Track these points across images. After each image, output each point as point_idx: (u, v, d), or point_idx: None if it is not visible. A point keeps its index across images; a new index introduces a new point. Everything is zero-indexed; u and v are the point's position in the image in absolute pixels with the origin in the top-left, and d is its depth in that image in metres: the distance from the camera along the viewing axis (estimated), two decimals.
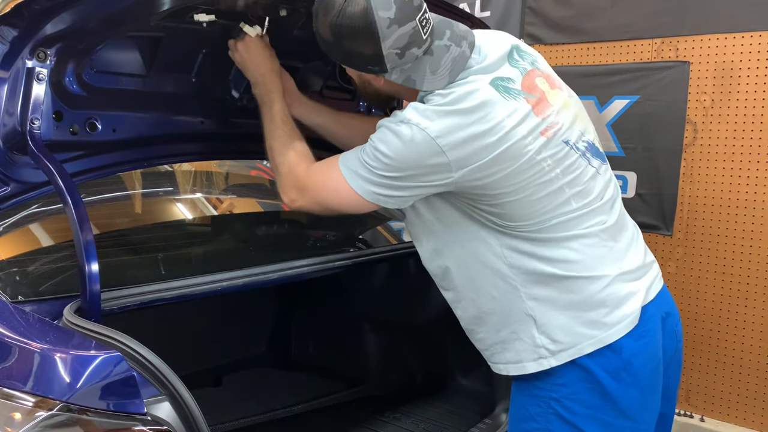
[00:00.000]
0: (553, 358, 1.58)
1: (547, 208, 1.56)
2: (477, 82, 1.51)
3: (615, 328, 1.56)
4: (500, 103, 1.50)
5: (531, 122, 1.52)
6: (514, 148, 1.49)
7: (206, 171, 3.02)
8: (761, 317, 3.17)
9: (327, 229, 2.94)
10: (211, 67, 2.01)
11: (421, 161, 1.49)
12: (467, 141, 1.47)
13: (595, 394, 1.56)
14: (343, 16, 1.47)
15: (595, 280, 1.57)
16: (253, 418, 2.40)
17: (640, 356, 1.59)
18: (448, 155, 1.47)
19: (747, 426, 3.26)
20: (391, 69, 1.52)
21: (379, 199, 1.57)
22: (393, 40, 1.47)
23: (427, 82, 1.53)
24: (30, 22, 1.59)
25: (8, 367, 1.37)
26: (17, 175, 1.74)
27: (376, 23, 1.45)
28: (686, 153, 3.30)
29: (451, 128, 1.47)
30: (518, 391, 1.68)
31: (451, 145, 1.47)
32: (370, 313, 2.81)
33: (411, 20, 1.48)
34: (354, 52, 1.51)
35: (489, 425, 2.22)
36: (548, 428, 1.59)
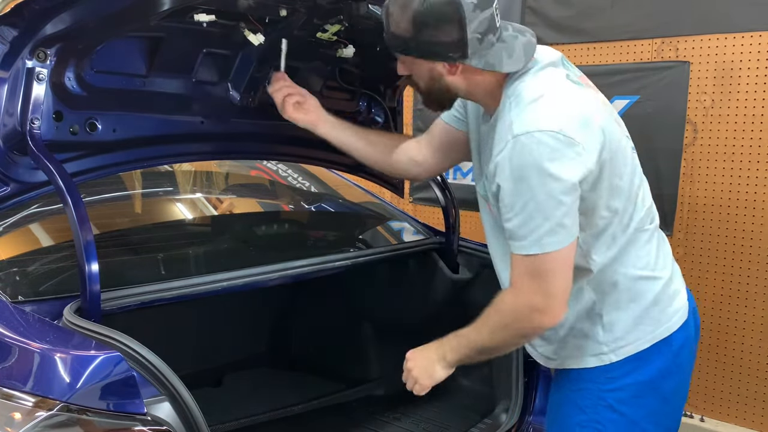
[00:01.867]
0: (613, 354, 1.65)
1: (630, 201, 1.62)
2: (556, 76, 1.60)
3: (669, 324, 1.66)
4: (581, 93, 1.59)
5: (606, 110, 1.63)
6: (610, 129, 1.57)
7: (206, 171, 3.02)
8: (761, 317, 3.16)
9: (327, 229, 2.94)
10: (212, 67, 2.01)
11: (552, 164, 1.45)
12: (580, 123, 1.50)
13: (644, 385, 1.65)
14: (428, 4, 1.50)
15: (656, 279, 1.66)
16: (253, 418, 2.40)
17: (685, 348, 1.69)
18: (576, 140, 1.47)
19: (747, 426, 3.26)
20: (471, 54, 1.55)
21: (565, 237, 1.49)
22: (476, 23, 1.52)
23: (506, 65, 1.57)
24: (30, 22, 1.59)
25: (8, 367, 1.37)
26: (17, 175, 1.74)
27: (462, 6, 1.50)
28: (686, 153, 3.30)
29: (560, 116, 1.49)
30: (564, 385, 1.73)
31: (570, 128, 1.48)
32: (370, 313, 2.81)
33: (489, 6, 1.54)
34: (437, 41, 1.54)
35: (489, 425, 2.22)
36: (597, 419, 1.65)
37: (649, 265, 1.66)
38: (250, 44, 1.89)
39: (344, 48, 2.10)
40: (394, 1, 1.57)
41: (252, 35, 1.88)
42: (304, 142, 2.38)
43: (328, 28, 1.97)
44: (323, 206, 3.17)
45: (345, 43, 2.08)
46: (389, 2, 1.58)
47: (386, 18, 1.60)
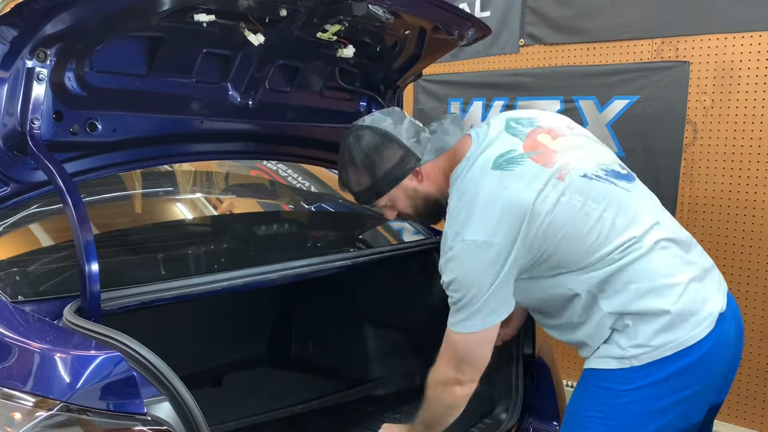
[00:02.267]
0: (635, 359, 1.68)
1: (600, 239, 1.67)
2: (483, 171, 1.71)
3: (695, 332, 1.66)
4: (508, 177, 1.68)
5: (542, 177, 1.68)
6: (538, 206, 1.65)
7: (206, 171, 3.02)
8: (761, 317, 3.17)
9: (327, 229, 2.94)
10: (212, 67, 2.01)
11: (479, 264, 1.66)
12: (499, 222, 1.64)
13: (664, 389, 1.67)
14: (361, 149, 1.79)
15: (672, 288, 1.67)
16: (253, 418, 2.40)
17: (716, 350, 1.69)
18: (494, 242, 1.64)
19: (747, 426, 3.26)
20: (421, 154, 1.80)
21: (493, 318, 1.71)
22: (405, 134, 1.80)
23: (451, 140, 1.81)
24: (30, 22, 1.59)
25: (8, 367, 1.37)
26: (17, 175, 1.74)
27: (385, 132, 1.79)
28: (686, 153, 3.30)
29: (479, 225, 1.65)
30: (587, 383, 1.77)
31: (489, 235, 1.64)
32: (370, 313, 2.81)
33: (403, 119, 1.83)
34: (390, 165, 1.79)
35: (489, 425, 2.22)
36: (613, 416, 1.69)
37: (659, 276, 1.67)
38: (250, 44, 1.89)
39: (344, 48, 2.10)
40: (340, 169, 1.87)
41: (252, 35, 1.88)
42: (304, 142, 2.38)
43: (328, 28, 1.97)
44: (323, 206, 3.17)
45: (345, 43, 2.08)
46: (339, 176, 1.88)
47: (348, 188, 1.88)
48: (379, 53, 2.26)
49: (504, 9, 3.86)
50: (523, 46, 3.83)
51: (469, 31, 2.21)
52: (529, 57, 3.80)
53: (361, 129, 1.82)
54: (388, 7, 1.90)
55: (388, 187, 1.82)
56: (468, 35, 2.23)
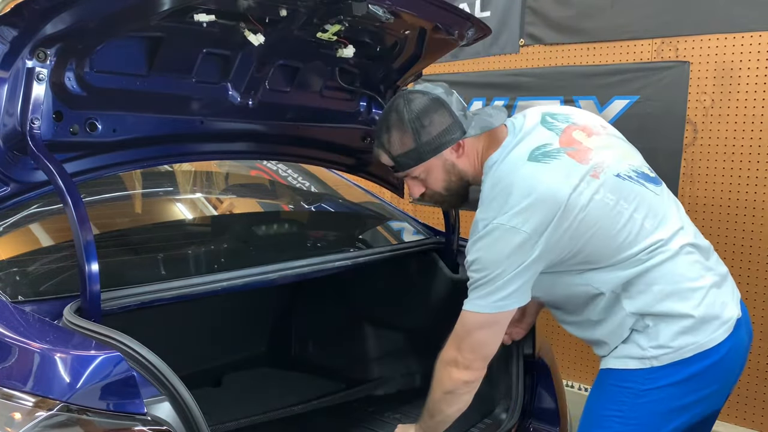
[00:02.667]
0: (655, 360, 1.71)
1: (629, 238, 1.69)
2: (520, 159, 1.71)
3: (714, 335, 1.70)
4: (545, 170, 1.69)
5: (578, 172, 1.69)
6: (573, 200, 1.65)
7: (206, 171, 3.02)
8: (761, 317, 3.17)
9: (327, 229, 2.94)
10: (212, 67, 2.01)
11: (507, 248, 1.66)
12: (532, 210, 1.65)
13: (683, 389, 1.70)
14: (413, 109, 1.76)
15: (695, 292, 1.71)
16: (253, 418, 2.40)
17: (732, 354, 1.73)
18: (524, 229, 1.64)
19: (747, 426, 3.26)
20: (467, 126, 1.78)
21: (504, 304, 1.70)
22: (455, 104, 1.78)
23: (495, 121, 1.80)
24: (30, 22, 1.59)
25: (8, 367, 1.37)
26: (17, 175, 1.74)
27: (438, 97, 1.77)
28: (686, 153, 3.30)
29: (514, 209, 1.65)
30: (606, 382, 1.80)
31: (521, 222, 1.65)
32: (370, 313, 2.81)
33: (452, 93, 1.81)
34: (436, 131, 1.76)
35: (489, 425, 2.22)
36: (633, 416, 1.72)
37: (683, 281, 1.70)
38: (250, 44, 1.89)
39: (344, 48, 2.10)
40: (382, 131, 1.81)
41: (252, 35, 1.88)
42: (304, 142, 2.38)
43: (328, 28, 1.97)
44: (323, 206, 3.17)
45: (345, 43, 2.08)
46: (378, 138, 1.82)
47: (385, 150, 1.81)
48: (379, 53, 2.26)
49: (504, 9, 3.86)
50: (523, 46, 3.83)
51: (469, 31, 2.21)
52: (529, 57, 3.80)
53: (412, 93, 1.80)
54: (388, 7, 1.90)
55: (430, 154, 1.78)
56: (468, 35, 2.23)
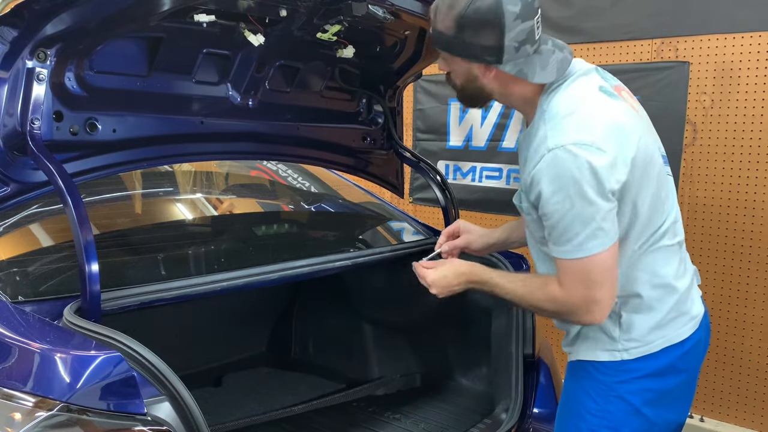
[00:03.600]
0: (626, 353, 1.71)
1: (658, 212, 1.67)
2: (589, 88, 1.64)
3: (682, 330, 1.73)
4: (615, 106, 1.63)
5: (641, 122, 1.67)
6: (643, 141, 1.62)
7: (206, 171, 3.02)
8: (761, 317, 3.17)
9: (327, 229, 2.94)
10: (212, 67, 2.01)
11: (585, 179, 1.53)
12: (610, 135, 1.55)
13: (653, 380, 1.72)
14: (474, 6, 1.59)
15: (676, 290, 1.72)
16: (253, 418, 2.40)
17: (697, 348, 1.77)
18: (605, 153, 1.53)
19: (747, 426, 3.26)
20: (506, 61, 1.63)
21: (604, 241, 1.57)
22: (515, 32, 1.60)
23: (537, 76, 1.65)
24: (30, 23, 1.59)
25: (8, 367, 1.37)
26: (17, 175, 1.74)
27: (504, 15, 1.58)
28: (686, 153, 3.30)
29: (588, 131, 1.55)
30: (578, 374, 1.79)
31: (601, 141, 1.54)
32: (370, 314, 2.81)
33: (531, 19, 1.61)
34: (476, 43, 1.62)
35: (489, 425, 2.22)
36: (607, 409, 1.73)
37: (670, 275, 1.72)
38: (250, 44, 1.89)
39: (344, 48, 2.10)
40: (442, 4, 1.66)
41: (252, 36, 1.88)
42: (304, 142, 2.38)
43: (328, 28, 1.97)
44: (323, 206, 3.17)
45: (345, 43, 2.08)
46: (436, 5, 1.68)
47: (433, 14, 1.68)
48: (379, 53, 2.26)
49: None
50: None
51: None
52: None
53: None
54: (388, 8, 1.90)
55: (459, 53, 1.67)
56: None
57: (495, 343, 2.31)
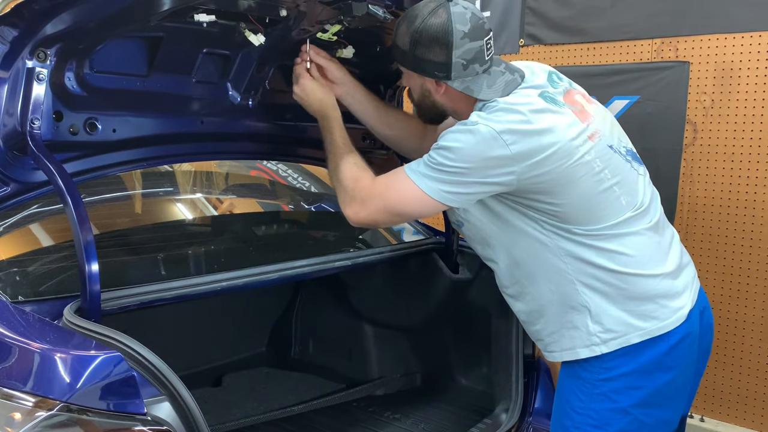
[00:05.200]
0: (604, 345, 1.74)
1: (600, 207, 1.72)
2: (530, 96, 1.72)
3: (664, 322, 1.73)
4: (550, 111, 1.70)
5: (578, 127, 1.71)
6: (567, 147, 1.66)
7: (206, 171, 3.02)
8: (761, 317, 3.17)
9: (327, 229, 2.94)
10: (212, 67, 2.01)
11: (486, 153, 1.64)
12: (527, 137, 1.64)
13: (637, 375, 1.73)
14: (425, 25, 1.71)
15: (646, 276, 1.74)
16: (253, 418, 2.40)
17: (684, 344, 1.76)
18: (510, 148, 1.63)
19: (747, 426, 3.26)
20: (454, 77, 1.73)
21: (445, 197, 1.69)
22: (462, 51, 1.71)
23: (483, 93, 1.74)
24: (30, 22, 1.59)
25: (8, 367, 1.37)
26: (17, 175, 1.74)
27: (452, 33, 1.69)
28: (686, 153, 3.30)
29: (512, 126, 1.64)
30: (566, 374, 1.83)
31: (512, 140, 1.63)
32: (370, 314, 2.81)
33: (479, 40, 1.72)
34: (427, 58, 1.73)
35: (489, 425, 2.22)
36: (592, 407, 1.76)
37: (641, 263, 1.73)
38: (250, 44, 1.89)
39: (344, 48, 2.10)
40: (405, 17, 1.77)
41: (252, 35, 1.88)
42: (304, 142, 2.38)
43: (328, 28, 1.97)
44: (323, 206, 3.17)
45: (345, 43, 2.08)
46: (401, 17, 1.79)
47: (395, 30, 1.80)
48: (379, 53, 2.26)
49: (504, 9, 3.86)
50: (523, 46, 3.83)
51: None
52: (529, 57, 3.80)
53: (442, 8, 1.71)
54: (388, 7, 1.90)
55: (413, 68, 1.79)
56: None
57: (495, 343, 2.31)
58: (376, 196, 1.76)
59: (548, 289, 1.78)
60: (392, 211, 1.77)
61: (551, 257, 1.75)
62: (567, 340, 1.79)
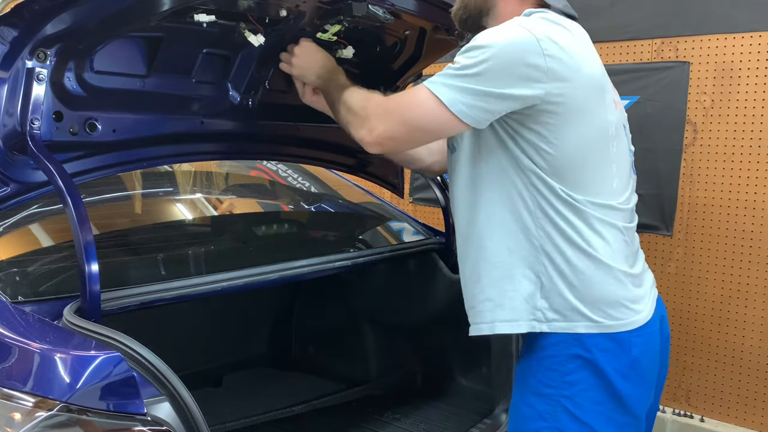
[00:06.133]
0: (546, 325, 1.61)
1: (594, 174, 1.60)
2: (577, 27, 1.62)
3: (617, 322, 1.60)
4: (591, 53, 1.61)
5: (609, 86, 1.64)
6: (598, 85, 1.58)
7: (206, 171, 3.02)
8: (761, 317, 3.17)
9: (327, 229, 2.94)
10: (212, 67, 2.01)
11: (519, 58, 1.50)
12: (567, 54, 1.52)
13: (604, 392, 1.60)
14: None
15: (613, 269, 1.61)
16: (253, 418, 2.40)
17: (646, 356, 1.65)
18: (546, 60, 1.49)
19: (747, 426, 3.26)
20: None
21: (462, 110, 1.53)
22: None
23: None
24: (30, 23, 1.59)
25: (8, 367, 1.37)
26: (17, 175, 1.74)
27: None
28: (686, 153, 3.30)
29: (554, 36, 1.51)
30: (525, 389, 1.69)
31: (551, 51, 1.50)
32: (370, 314, 2.81)
33: None
34: None
35: (489, 425, 2.22)
36: (558, 426, 1.61)
37: (612, 255, 1.62)
38: (250, 44, 1.89)
39: (344, 48, 2.10)
40: None
41: (252, 36, 1.88)
42: (304, 142, 2.38)
43: (328, 29, 1.97)
44: (323, 206, 3.17)
45: (345, 43, 2.08)
46: None
47: None
48: (379, 53, 2.26)
49: None
50: None
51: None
52: None
53: None
54: (388, 8, 1.90)
55: None
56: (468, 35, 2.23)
57: (495, 343, 2.31)
58: (392, 110, 1.63)
59: (506, 247, 1.63)
60: (410, 125, 1.61)
61: (525, 214, 1.61)
62: (507, 311, 1.64)
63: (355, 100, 1.73)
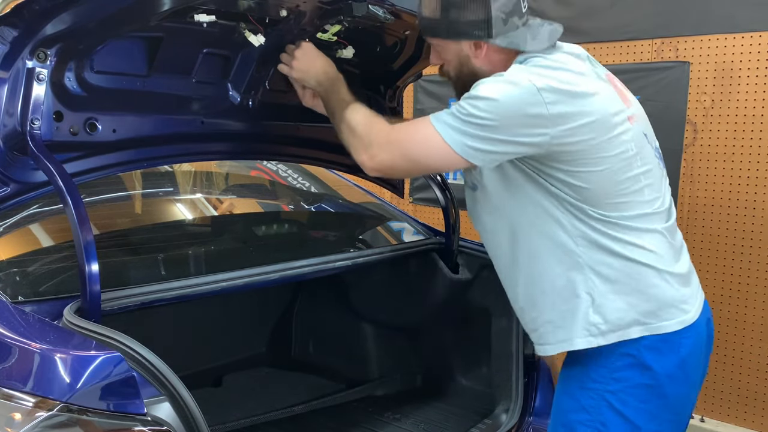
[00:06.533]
0: (602, 338, 1.65)
1: (624, 194, 1.63)
2: (574, 58, 1.66)
3: (666, 322, 1.64)
4: (595, 78, 1.64)
5: (618, 104, 1.64)
6: (606, 120, 1.59)
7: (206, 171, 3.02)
8: (761, 317, 3.17)
9: (327, 229, 2.94)
10: (212, 67, 2.01)
11: (522, 109, 1.54)
12: (568, 98, 1.55)
13: (650, 390, 1.64)
14: None
15: (661, 272, 1.65)
16: (253, 418, 2.40)
17: (693, 356, 1.70)
18: (548, 108, 1.53)
19: (747, 426, 3.26)
20: (495, 34, 1.64)
21: (469, 153, 1.58)
22: (501, 3, 1.63)
23: (529, 44, 1.65)
24: (30, 23, 1.59)
25: (8, 367, 1.37)
26: (17, 175, 1.74)
27: None
28: (686, 153, 3.30)
29: (554, 84, 1.55)
30: (571, 382, 1.74)
31: (552, 99, 1.54)
32: (371, 314, 2.81)
33: None
34: (463, 19, 1.64)
35: (489, 425, 2.22)
36: (601, 420, 1.65)
37: (658, 259, 1.66)
38: (250, 44, 1.89)
39: (344, 48, 2.10)
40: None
41: (252, 36, 1.88)
42: (304, 142, 2.38)
43: (328, 29, 1.97)
44: (323, 206, 3.17)
45: (345, 43, 2.08)
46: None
47: (418, 3, 1.72)
48: (379, 53, 2.26)
49: None
50: None
51: None
52: None
53: None
54: (388, 8, 1.90)
55: (448, 35, 1.69)
56: None
57: (495, 343, 2.31)
58: (396, 142, 1.66)
59: (552, 270, 1.67)
60: (412, 159, 1.66)
61: (564, 237, 1.64)
62: (564, 331, 1.69)
63: (357, 121, 1.75)
